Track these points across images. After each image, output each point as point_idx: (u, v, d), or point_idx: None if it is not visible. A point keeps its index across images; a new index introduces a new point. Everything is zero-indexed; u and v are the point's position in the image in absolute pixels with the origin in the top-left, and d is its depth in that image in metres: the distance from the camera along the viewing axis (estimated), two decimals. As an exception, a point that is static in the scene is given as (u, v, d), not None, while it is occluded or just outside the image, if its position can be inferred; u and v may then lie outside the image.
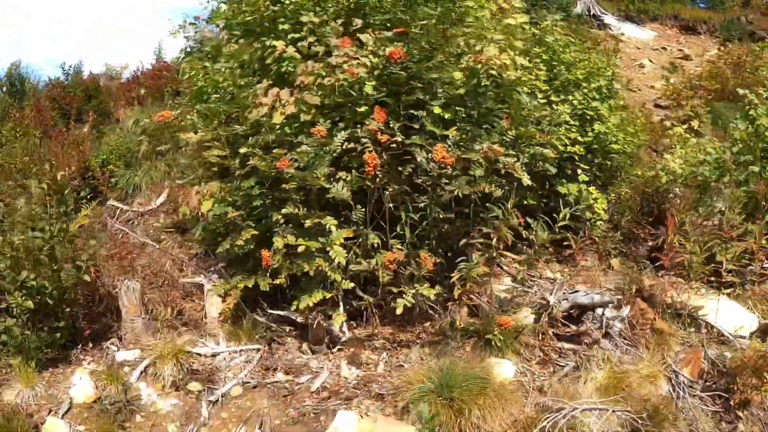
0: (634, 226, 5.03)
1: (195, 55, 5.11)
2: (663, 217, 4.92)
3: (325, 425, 3.17)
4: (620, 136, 4.62)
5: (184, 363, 3.84)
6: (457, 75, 4.00)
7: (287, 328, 4.21)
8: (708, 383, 3.30)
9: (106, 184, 6.37)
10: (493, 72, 3.87)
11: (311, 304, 3.48)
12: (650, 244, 5.01)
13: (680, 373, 3.24)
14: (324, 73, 3.74)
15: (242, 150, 3.72)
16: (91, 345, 4.33)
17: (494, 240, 3.45)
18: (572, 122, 4.63)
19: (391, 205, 3.95)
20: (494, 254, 3.47)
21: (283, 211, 3.48)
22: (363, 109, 3.89)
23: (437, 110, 3.93)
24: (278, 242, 3.33)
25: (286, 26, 4.42)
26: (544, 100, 4.46)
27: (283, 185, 3.54)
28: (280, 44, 4.25)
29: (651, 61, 7.72)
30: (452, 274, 3.72)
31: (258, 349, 3.92)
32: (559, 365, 3.53)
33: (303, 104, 3.76)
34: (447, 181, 3.74)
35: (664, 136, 5.26)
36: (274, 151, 3.75)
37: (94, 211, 5.67)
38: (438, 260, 3.66)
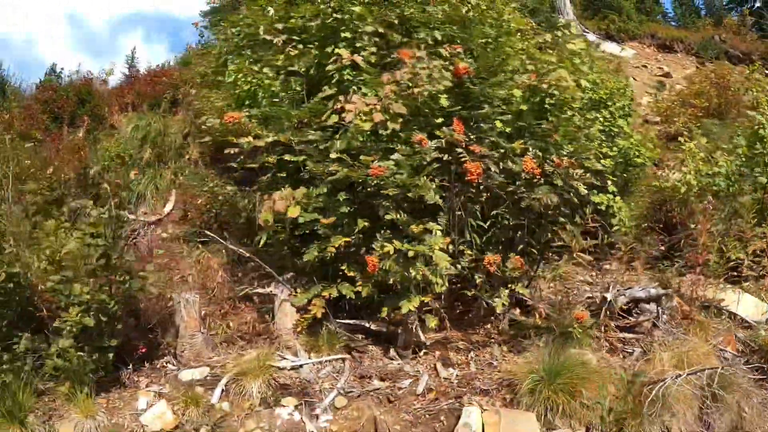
0: (648, 232, 6.24)
1: (236, 58, 5.47)
2: (672, 224, 6.20)
3: (448, 423, 3.77)
4: (642, 151, 5.80)
5: (270, 378, 4.13)
6: (517, 93, 4.88)
7: (359, 336, 4.71)
8: (742, 359, 4.44)
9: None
10: (556, 92, 4.79)
11: (413, 308, 4.08)
12: (663, 248, 6.23)
13: (726, 350, 4.34)
14: (410, 84, 4.39)
15: (333, 155, 4.24)
16: (146, 364, 4.46)
17: (573, 243, 4.32)
18: (602, 138, 5.72)
19: (461, 212, 4.68)
20: (574, 255, 4.35)
21: (387, 216, 4.07)
22: (440, 120, 4.60)
23: (499, 125, 4.76)
24: (387, 247, 3.92)
25: (347, 34, 4.99)
26: (581, 118, 5.48)
27: (382, 191, 4.11)
28: (345, 53, 4.85)
29: (634, 79, 9.33)
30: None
31: (343, 359, 4.40)
32: (627, 352, 4.48)
33: (388, 113, 4.37)
34: (523, 189, 4.56)
35: (668, 150, 6.61)
36: (361, 158, 4.31)
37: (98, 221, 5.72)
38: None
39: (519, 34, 5.78)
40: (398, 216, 4.14)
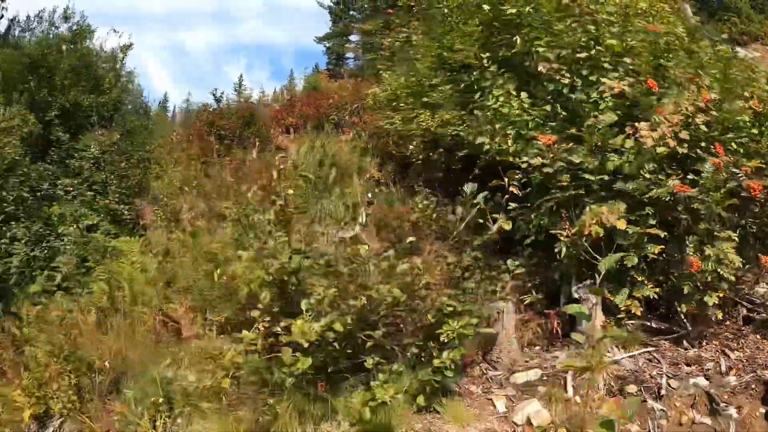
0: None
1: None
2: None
3: (759, 389, 6.03)
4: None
5: (611, 371, 5.94)
6: (745, 118, 7.07)
7: (641, 333, 6.65)
8: None
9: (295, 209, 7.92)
10: (778, 117, 7.06)
11: (716, 302, 6.09)
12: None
13: None
14: (690, 114, 6.42)
15: (647, 176, 6.15)
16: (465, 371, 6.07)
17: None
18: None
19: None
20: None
21: (701, 226, 6.06)
22: (702, 144, 6.67)
23: (734, 146, 6.92)
24: (708, 251, 5.95)
25: (606, 64, 6.93)
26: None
27: (692, 206, 6.11)
28: (613, 83, 6.78)
29: None
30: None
31: (649, 351, 6.30)
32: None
33: (677, 139, 6.37)
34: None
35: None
36: (658, 176, 6.28)
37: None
38: None
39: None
40: (708, 226, 6.14)
